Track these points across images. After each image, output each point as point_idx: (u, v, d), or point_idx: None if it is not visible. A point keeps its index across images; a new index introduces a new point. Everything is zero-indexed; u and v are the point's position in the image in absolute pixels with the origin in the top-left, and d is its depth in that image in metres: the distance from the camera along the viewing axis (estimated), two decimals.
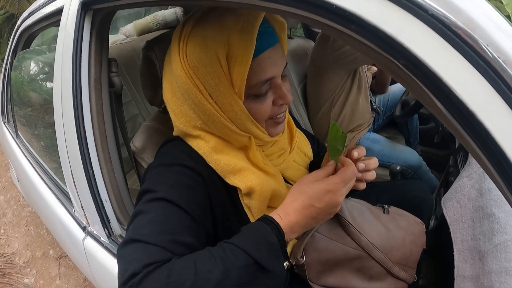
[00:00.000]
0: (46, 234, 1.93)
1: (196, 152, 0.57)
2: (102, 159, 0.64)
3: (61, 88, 0.66)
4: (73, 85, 0.61)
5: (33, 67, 1.21)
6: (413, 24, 0.28)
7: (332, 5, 0.30)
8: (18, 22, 1.22)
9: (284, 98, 0.57)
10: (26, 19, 1.11)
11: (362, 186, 0.63)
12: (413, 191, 0.96)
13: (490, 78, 0.27)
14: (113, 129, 0.67)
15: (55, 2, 0.79)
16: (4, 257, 1.85)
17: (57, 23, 0.91)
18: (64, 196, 0.84)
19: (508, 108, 0.27)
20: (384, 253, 0.68)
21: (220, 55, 0.50)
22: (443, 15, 0.28)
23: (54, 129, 1.06)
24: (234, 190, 0.59)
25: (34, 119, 1.18)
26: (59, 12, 0.75)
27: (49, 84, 1.18)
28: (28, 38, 1.22)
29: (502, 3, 2.67)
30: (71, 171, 0.68)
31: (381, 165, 1.32)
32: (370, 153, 1.33)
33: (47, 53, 1.28)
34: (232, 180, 0.57)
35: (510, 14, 2.66)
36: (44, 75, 1.18)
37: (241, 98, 0.53)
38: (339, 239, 0.67)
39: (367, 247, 0.67)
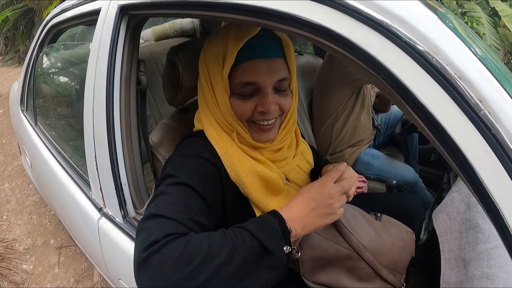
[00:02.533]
0: (49, 223, 2.00)
1: (214, 148, 0.67)
2: (125, 147, 0.72)
3: (94, 80, 0.75)
4: (107, 79, 0.70)
5: (58, 62, 1.31)
6: (390, 47, 0.38)
7: (331, 31, 0.39)
8: (48, 17, 1.31)
9: (263, 105, 0.65)
10: (56, 15, 1.20)
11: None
12: (406, 203, 1.04)
13: (448, 90, 0.37)
14: (137, 121, 0.76)
15: (93, 3, 0.88)
16: (5, 242, 1.92)
17: (89, 23, 1.01)
18: (81, 179, 0.93)
19: (462, 112, 0.36)
20: (373, 255, 0.74)
21: (220, 54, 0.65)
22: (413, 41, 0.37)
23: (73, 119, 1.15)
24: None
25: (55, 109, 1.28)
26: (96, 12, 0.84)
27: (72, 78, 1.28)
28: (56, 33, 1.32)
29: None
30: (95, 156, 0.76)
31: (379, 179, 1.40)
32: (369, 167, 1.42)
33: (73, 49, 1.39)
34: (224, 163, 0.66)
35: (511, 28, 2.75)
36: (69, 70, 1.28)
37: (227, 92, 0.65)
38: (332, 238, 0.73)
39: (358, 248, 0.73)
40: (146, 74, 0.81)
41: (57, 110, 1.29)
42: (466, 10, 2.91)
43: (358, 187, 1.37)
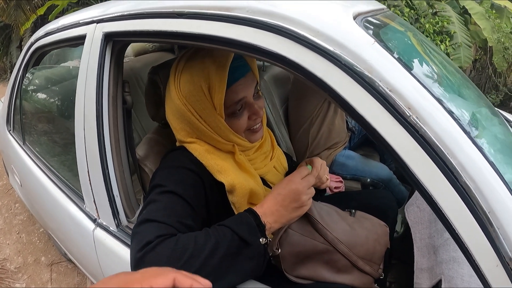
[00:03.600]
0: (38, 241, 2.04)
1: (197, 159, 0.75)
2: (116, 162, 0.81)
3: (84, 102, 0.83)
4: (96, 101, 0.79)
5: (44, 83, 1.38)
6: (333, 70, 0.49)
7: (285, 57, 0.50)
8: (32, 39, 1.38)
9: (257, 113, 0.78)
10: (41, 38, 1.27)
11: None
12: (379, 199, 1.13)
13: (380, 101, 0.47)
14: (125, 138, 0.84)
15: (78, 28, 0.96)
16: None
17: (74, 45, 1.10)
18: (74, 193, 1.00)
19: (393, 118, 0.47)
20: (348, 247, 0.82)
21: (203, 87, 0.71)
22: (350, 63, 0.48)
23: (62, 136, 1.22)
24: (224, 190, 0.76)
25: (43, 128, 1.34)
26: (81, 37, 0.92)
27: (58, 98, 1.35)
28: (40, 55, 1.39)
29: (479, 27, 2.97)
30: (88, 171, 0.84)
31: (355, 178, 1.52)
32: (345, 168, 1.54)
33: (57, 71, 1.46)
34: (219, 177, 0.75)
35: (487, 38, 2.94)
36: (55, 90, 1.35)
37: (222, 117, 0.74)
38: (308, 234, 0.81)
39: (333, 242, 0.81)
40: (130, 92, 0.90)
41: (46, 129, 1.36)
42: (437, 10, 3.09)
43: (335, 187, 1.49)
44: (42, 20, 4.60)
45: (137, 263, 0.57)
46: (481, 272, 0.48)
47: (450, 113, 0.48)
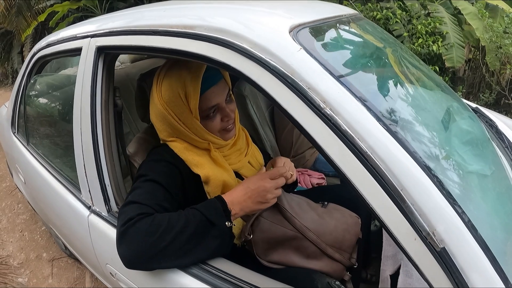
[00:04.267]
0: (40, 239, 2.23)
1: (176, 154, 0.91)
2: (107, 156, 0.99)
3: (80, 105, 1.01)
4: (91, 104, 0.97)
5: (46, 89, 1.57)
6: (265, 74, 0.64)
7: (229, 65, 0.67)
8: (34, 49, 1.57)
9: (228, 116, 0.94)
10: (43, 49, 1.46)
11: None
12: (351, 192, 1.26)
13: (300, 97, 0.60)
14: (115, 136, 1.02)
15: (75, 41, 1.14)
16: None
17: (72, 56, 1.28)
18: (71, 185, 1.18)
19: (310, 111, 0.59)
20: (316, 235, 0.91)
21: (181, 94, 0.87)
22: (277, 68, 0.63)
23: (61, 137, 1.40)
24: (200, 181, 0.91)
25: (45, 129, 1.54)
26: (77, 49, 1.10)
27: (59, 103, 1.54)
28: (42, 64, 1.58)
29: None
30: (84, 164, 1.02)
31: (336, 175, 1.66)
32: (327, 165, 1.68)
33: (57, 78, 1.65)
34: (195, 170, 0.90)
35: (480, 38, 3.07)
36: (56, 96, 1.55)
37: (198, 119, 0.90)
38: (278, 222, 0.92)
39: (301, 229, 0.91)
40: (123, 95, 1.07)
41: (47, 130, 1.55)
42: (430, 11, 3.23)
43: (317, 183, 1.64)
44: (43, 27, 4.84)
45: (121, 235, 0.74)
46: (401, 245, 0.54)
47: (365, 104, 0.58)
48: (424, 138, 0.73)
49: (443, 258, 0.52)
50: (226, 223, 0.78)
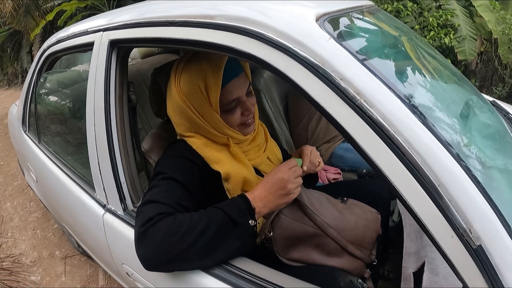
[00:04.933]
0: (53, 236, 2.21)
1: (194, 150, 0.87)
2: (122, 153, 0.95)
3: (94, 101, 0.97)
4: (105, 100, 0.93)
5: (57, 86, 1.54)
6: (293, 64, 0.60)
7: (254, 56, 0.63)
8: (44, 46, 1.54)
9: (249, 110, 0.90)
10: (53, 45, 1.43)
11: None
12: (370, 187, 1.20)
13: (332, 88, 0.57)
14: (130, 132, 0.98)
15: (86, 36, 1.10)
16: (12, 257, 2.11)
17: (83, 51, 1.24)
18: (85, 183, 1.15)
19: (343, 102, 0.56)
20: (337, 231, 0.89)
21: (201, 86, 0.83)
22: (306, 58, 0.59)
23: (74, 134, 1.37)
24: (219, 178, 0.88)
25: (57, 127, 1.51)
26: (89, 44, 1.07)
27: (70, 100, 1.51)
28: (52, 60, 1.55)
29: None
30: (98, 162, 0.99)
31: (353, 170, 1.62)
32: (343, 160, 1.64)
33: (68, 75, 1.62)
34: (215, 167, 0.87)
35: (492, 30, 2.99)
36: (67, 93, 1.51)
37: (217, 113, 0.86)
38: (299, 219, 0.89)
39: (322, 226, 0.88)
40: (135, 92, 1.03)
41: (59, 128, 1.52)
42: (441, 3, 3.15)
43: (333, 179, 1.59)
44: (51, 26, 4.83)
45: (140, 236, 0.70)
46: (437, 243, 0.52)
47: (399, 96, 0.55)
48: (457, 132, 0.70)
49: (479, 256, 0.50)
50: (250, 222, 0.75)
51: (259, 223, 0.79)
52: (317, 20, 0.65)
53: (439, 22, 3.02)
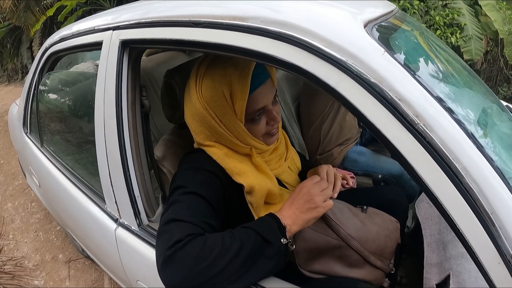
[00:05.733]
0: (55, 239, 2.12)
1: (215, 161, 0.79)
2: (136, 164, 0.85)
3: (103, 108, 0.87)
4: (116, 106, 0.83)
5: (61, 86, 1.43)
6: (345, 79, 0.52)
7: (300, 67, 0.53)
8: (46, 45, 1.43)
9: (275, 119, 0.82)
10: (55, 44, 1.32)
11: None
12: (389, 195, 1.15)
13: (390, 110, 0.50)
14: (143, 141, 0.88)
15: (94, 35, 1.00)
16: (14, 260, 2.02)
17: (89, 50, 1.14)
18: (94, 194, 1.05)
19: (401, 126, 0.49)
20: (360, 243, 0.85)
21: (225, 93, 0.74)
22: (361, 73, 0.51)
23: (81, 139, 1.27)
24: (241, 191, 0.80)
25: (61, 130, 1.40)
26: (97, 44, 0.96)
27: (75, 101, 1.40)
28: (54, 60, 1.44)
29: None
30: (109, 173, 0.89)
31: (366, 174, 1.54)
32: (356, 164, 1.56)
33: (72, 74, 1.51)
34: (238, 179, 0.78)
35: (498, 30, 2.92)
36: (71, 93, 1.40)
37: (242, 122, 0.77)
38: (322, 231, 0.85)
39: (346, 238, 0.84)
40: (148, 96, 0.94)
41: (64, 132, 1.41)
42: (447, 2, 3.06)
43: (347, 183, 1.51)
44: (52, 21, 4.69)
45: (166, 259, 0.62)
46: (484, 269, 0.50)
47: (456, 119, 0.51)
48: (505, 159, 0.64)
49: None
50: (282, 240, 0.68)
51: (290, 241, 0.72)
52: (365, 27, 0.57)
53: (445, 21, 2.93)
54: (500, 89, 3.01)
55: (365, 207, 0.96)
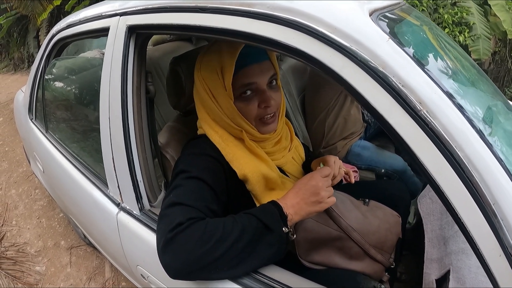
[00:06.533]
0: (58, 226, 2.14)
1: (216, 147, 0.80)
2: (139, 148, 0.86)
3: (109, 91, 0.88)
4: (121, 90, 0.84)
5: (67, 73, 1.44)
6: (349, 65, 0.52)
7: (304, 52, 0.54)
8: (53, 31, 1.43)
9: (267, 101, 0.81)
10: (63, 30, 1.32)
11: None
12: (391, 189, 1.16)
13: (393, 95, 0.50)
14: (147, 126, 0.89)
15: (101, 21, 1.01)
16: (16, 246, 2.05)
17: (96, 37, 1.14)
18: (97, 179, 1.07)
19: (404, 112, 0.50)
20: (361, 235, 0.86)
21: (217, 68, 0.79)
22: (365, 59, 0.51)
23: (85, 124, 1.28)
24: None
25: (66, 116, 1.41)
26: (104, 30, 0.97)
27: (80, 87, 1.41)
28: (61, 46, 1.45)
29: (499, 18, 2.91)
30: (113, 158, 0.90)
31: (369, 169, 1.55)
32: (359, 158, 1.56)
33: (78, 61, 1.52)
34: (233, 166, 0.80)
35: (507, 31, 2.89)
36: (77, 79, 1.41)
37: (231, 98, 0.79)
38: (323, 221, 0.86)
39: (346, 229, 0.85)
40: (153, 82, 0.94)
41: (68, 118, 1.42)
42: (456, 0, 3.03)
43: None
44: (59, 11, 4.70)
45: (167, 242, 0.63)
46: (485, 261, 0.50)
47: (460, 107, 0.50)
48: (508, 148, 0.64)
49: None
50: (283, 229, 0.69)
51: (291, 230, 0.73)
52: (370, 16, 0.57)
53: (454, 20, 2.91)
54: (507, 90, 2.98)
55: (367, 200, 0.97)
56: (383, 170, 1.48)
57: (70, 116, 1.44)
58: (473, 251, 0.51)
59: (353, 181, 0.97)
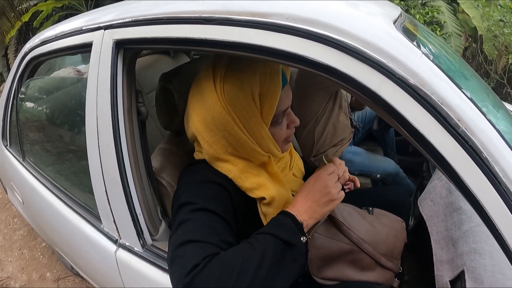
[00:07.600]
0: (41, 256, 1.96)
1: (221, 172, 0.71)
2: (136, 179, 0.75)
3: (96, 117, 0.77)
4: (112, 115, 0.73)
5: (43, 94, 1.30)
6: (387, 82, 0.46)
7: (336, 69, 0.46)
8: (25, 49, 1.29)
9: (295, 121, 0.75)
10: (36, 47, 1.19)
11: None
12: (393, 196, 1.14)
13: (433, 114, 0.45)
14: (142, 152, 0.78)
15: (82, 36, 0.88)
16: None
17: (75, 54, 1.02)
18: (88, 213, 0.94)
19: (445, 130, 0.45)
20: (372, 246, 0.83)
21: (254, 93, 0.66)
22: (404, 77, 0.45)
23: (68, 151, 1.15)
24: (252, 202, 0.73)
25: (45, 142, 1.26)
26: (86, 45, 0.85)
27: (62, 111, 1.27)
28: (35, 65, 1.30)
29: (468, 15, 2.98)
30: (106, 190, 0.78)
31: (363, 174, 1.50)
32: (352, 164, 1.51)
33: (55, 82, 1.38)
34: (257, 194, 0.71)
35: (477, 27, 2.95)
36: (55, 101, 1.27)
37: (267, 126, 0.69)
38: (333, 236, 0.82)
39: (358, 242, 0.82)
40: (144, 102, 0.84)
41: (48, 143, 1.28)
42: (426, 0, 3.07)
43: (345, 184, 1.46)
44: (27, 27, 4.44)
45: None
46: None
47: (489, 120, 0.48)
48: None
49: None
50: (302, 239, 0.63)
51: (310, 237, 0.67)
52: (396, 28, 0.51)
53: (425, 19, 2.95)
54: None
55: (370, 208, 0.95)
56: (378, 176, 1.44)
57: (50, 141, 1.29)
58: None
59: (358, 185, 0.91)
